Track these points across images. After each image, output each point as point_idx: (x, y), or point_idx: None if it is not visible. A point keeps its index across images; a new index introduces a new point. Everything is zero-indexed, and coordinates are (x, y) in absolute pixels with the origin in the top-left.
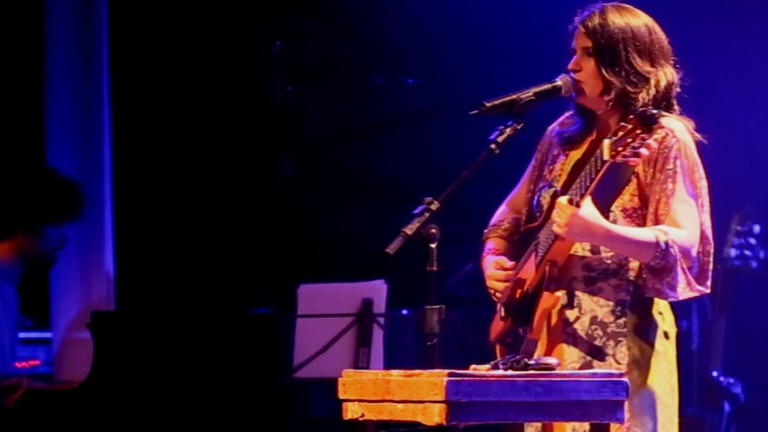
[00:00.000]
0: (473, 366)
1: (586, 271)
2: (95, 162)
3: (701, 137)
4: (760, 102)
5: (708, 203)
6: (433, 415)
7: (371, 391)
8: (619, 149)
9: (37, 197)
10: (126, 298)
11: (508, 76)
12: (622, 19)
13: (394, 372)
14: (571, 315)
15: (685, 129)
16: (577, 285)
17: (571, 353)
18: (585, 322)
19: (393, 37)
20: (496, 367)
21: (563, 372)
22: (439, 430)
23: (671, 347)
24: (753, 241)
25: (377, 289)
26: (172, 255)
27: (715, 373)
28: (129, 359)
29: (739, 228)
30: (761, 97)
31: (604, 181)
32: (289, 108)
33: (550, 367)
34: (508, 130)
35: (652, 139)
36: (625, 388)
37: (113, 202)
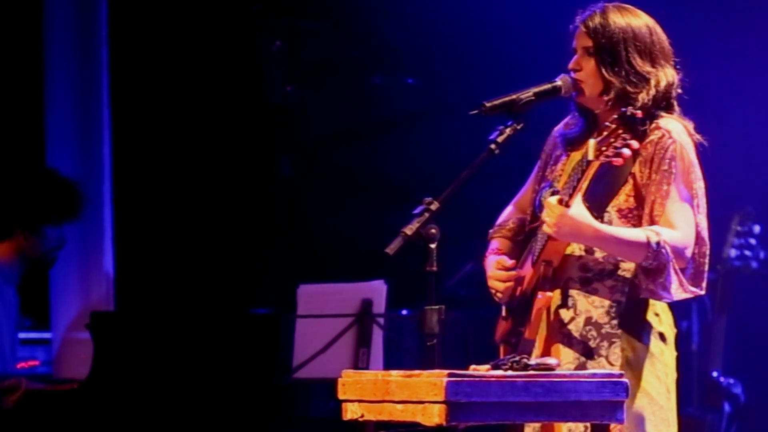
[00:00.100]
0: (473, 366)
1: (581, 271)
2: (95, 162)
3: (701, 138)
4: (760, 102)
5: (705, 204)
6: (433, 415)
7: (371, 391)
8: (603, 149)
9: (36, 197)
10: (125, 299)
11: (508, 76)
12: (623, 19)
13: (394, 372)
14: (566, 315)
15: (683, 130)
16: (572, 285)
17: (567, 354)
18: (580, 323)
19: (393, 37)
20: (496, 367)
21: (563, 372)
22: (439, 430)
23: (668, 349)
24: (753, 241)
25: (377, 290)
26: (171, 255)
27: (715, 374)
28: (128, 359)
29: (739, 228)
30: (761, 97)
31: (597, 182)
32: (289, 108)
33: (550, 368)
34: (508, 130)
35: (634, 139)
36: (625, 388)
37: (113, 202)
